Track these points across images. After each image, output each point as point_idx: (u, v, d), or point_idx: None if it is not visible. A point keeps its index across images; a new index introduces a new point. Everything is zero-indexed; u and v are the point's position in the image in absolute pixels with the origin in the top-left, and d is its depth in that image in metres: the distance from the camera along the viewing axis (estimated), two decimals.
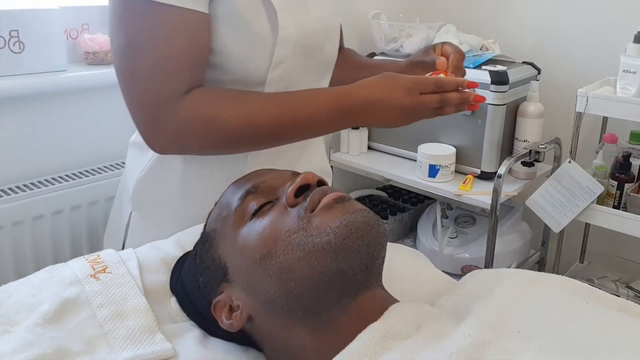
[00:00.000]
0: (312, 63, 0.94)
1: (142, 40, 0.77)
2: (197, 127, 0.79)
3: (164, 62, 0.77)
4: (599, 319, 0.58)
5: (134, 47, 0.78)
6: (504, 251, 1.72)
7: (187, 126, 0.79)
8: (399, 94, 0.81)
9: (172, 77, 0.78)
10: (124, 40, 0.79)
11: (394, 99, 0.81)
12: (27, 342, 0.62)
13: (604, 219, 1.54)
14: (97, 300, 0.69)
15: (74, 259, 0.77)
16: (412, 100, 0.81)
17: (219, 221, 0.70)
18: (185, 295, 0.73)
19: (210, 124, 0.79)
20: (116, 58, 0.80)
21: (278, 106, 0.82)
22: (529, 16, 1.91)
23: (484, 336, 0.54)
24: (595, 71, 1.72)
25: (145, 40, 0.77)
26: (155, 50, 0.77)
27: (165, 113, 0.78)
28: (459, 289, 0.73)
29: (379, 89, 0.82)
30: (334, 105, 0.82)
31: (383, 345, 0.56)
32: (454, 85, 0.83)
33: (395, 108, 0.81)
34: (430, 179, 1.69)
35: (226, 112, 0.80)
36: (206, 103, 0.80)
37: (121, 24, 0.79)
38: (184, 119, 0.78)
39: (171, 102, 0.78)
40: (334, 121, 0.83)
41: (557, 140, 1.70)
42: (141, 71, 0.78)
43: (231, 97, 0.82)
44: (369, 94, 0.81)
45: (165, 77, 0.78)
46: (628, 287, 1.72)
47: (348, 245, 0.60)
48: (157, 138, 0.81)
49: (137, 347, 0.64)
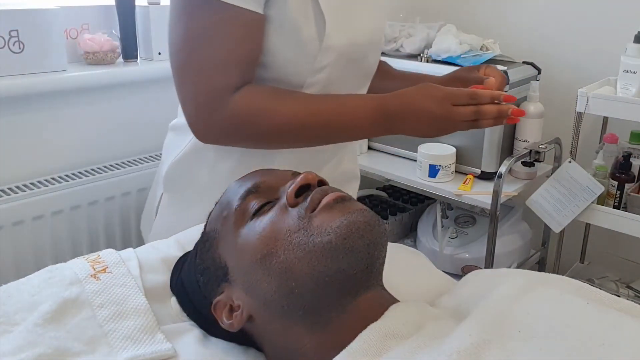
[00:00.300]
0: (353, 71, 0.96)
1: (201, 36, 0.81)
2: (245, 121, 0.83)
3: (220, 57, 0.81)
4: (599, 319, 0.58)
5: (192, 41, 0.82)
6: (504, 251, 1.72)
7: (235, 119, 0.83)
8: (431, 103, 0.83)
9: (226, 72, 0.82)
10: (183, 34, 0.83)
11: (426, 107, 0.83)
12: (27, 342, 0.62)
13: (604, 219, 1.54)
14: (97, 300, 0.69)
15: (74, 259, 0.77)
16: (445, 110, 0.82)
17: (220, 221, 0.70)
18: (185, 295, 0.73)
19: (258, 118, 0.83)
20: (173, 50, 0.85)
21: (322, 107, 0.85)
22: (529, 16, 1.91)
23: (484, 336, 0.54)
24: (595, 71, 1.72)
25: (204, 35, 0.81)
26: (212, 46, 0.81)
27: (216, 106, 0.82)
28: (459, 289, 0.73)
29: (413, 97, 0.84)
30: (371, 111, 0.85)
31: (383, 345, 0.56)
32: (489, 98, 0.84)
33: (426, 117, 0.83)
34: (430, 179, 1.69)
35: (273, 108, 0.84)
36: (255, 99, 0.84)
37: (181, 19, 0.83)
38: (234, 112, 0.82)
39: (223, 96, 0.82)
40: (371, 127, 0.86)
41: (557, 140, 1.70)
42: (197, 64, 0.82)
43: (279, 95, 0.86)
44: (402, 102, 0.84)
45: (220, 72, 0.82)
46: (628, 287, 1.72)
47: (348, 245, 0.60)
48: (206, 129, 0.85)
49: (137, 347, 0.64)
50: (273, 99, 0.85)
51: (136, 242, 1.61)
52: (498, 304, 0.61)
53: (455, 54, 1.73)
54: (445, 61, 1.74)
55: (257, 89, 0.85)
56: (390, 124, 0.85)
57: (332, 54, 0.88)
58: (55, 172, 1.52)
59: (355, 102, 0.86)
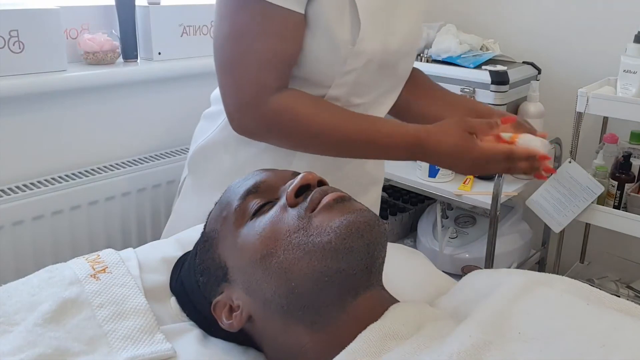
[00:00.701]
0: (384, 77, 0.97)
1: (246, 33, 0.84)
2: (285, 121, 0.86)
3: (263, 55, 0.84)
4: (600, 320, 0.58)
5: (237, 39, 0.84)
6: (504, 251, 1.72)
7: (277, 118, 0.86)
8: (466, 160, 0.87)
9: (268, 70, 0.84)
10: (228, 30, 0.85)
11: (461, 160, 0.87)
12: (27, 342, 0.62)
13: (604, 219, 1.54)
14: (97, 300, 0.69)
15: (73, 259, 0.77)
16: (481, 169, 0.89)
17: (219, 221, 0.70)
18: (185, 295, 0.73)
19: (297, 122, 0.86)
20: (218, 45, 0.87)
21: (361, 126, 0.88)
22: (529, 16, 1.91)
23: (484, 337, 0.54)
24: (595, 71, 1.72)
25: (249, 33, 0.83)
26: (256, 44, 0.83)
27: (256, 102, 0.85)
28: (459, 289, 0.73)
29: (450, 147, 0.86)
30: (408, 144, 0.87)
31: (383, 346, 0.56)
32: (525, 156, 0.87)
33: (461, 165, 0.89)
34: (430, 179, 1.69)
35: (314, 115, 0.86)
36: (299, 102, 0.86)
37: (228, 16, 0.85)
38: (276, 111, 0.85)
39: (263, 94, 0.85)
40: (402, 156, 0.89)
41: (557, 140, 1.70)
42: (241, 61, 0.84)
43: (321, 104, 0.89)
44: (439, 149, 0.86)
45: (262, 70, 0.84)
46: (628, 287, 1.72)
47: (348, 245, 0.60)
48: (245, 124, 0.88)
49: (137, 347, 0.64)
50: (315, 107, 0.87)
51: (136, 242, 1.61)
52: (498, 304, 0.61)
53: (455, 54, 1.73)
54: (445, 61, 1.74)
55: (302, 93, 0.88)
56: (422, 157, 0.89)
57: (363, 58, 0.89)
58: (55, 172, 1.52)
59: (395, 131, 0.88)
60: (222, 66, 0.87)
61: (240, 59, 0.84)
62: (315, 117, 0.86)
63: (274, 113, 0.85)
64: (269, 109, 0.85)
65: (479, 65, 1.68)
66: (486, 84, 1.61)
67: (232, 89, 0.87)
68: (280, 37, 0.83)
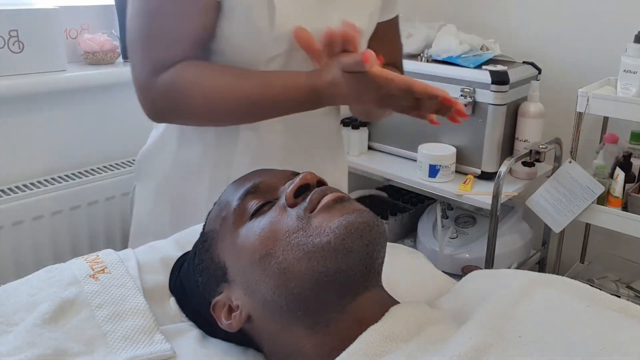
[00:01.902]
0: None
1: (150, 12, 0.83)
2: (172, 96, 0.84)
3: (166, 34, 0.83)
4: (600, 322, 0.58)
5: (142, 18, 0.84)
6: (504, 251, 1.72)
7: (164, 95, 0.84)
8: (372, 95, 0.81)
9: (172, 47, 0.83)
10: (136, 12, 0.84)
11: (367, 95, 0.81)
12: (26, 342, 0.62)
13: (604, 219, 1.54)
14: (96, 300, 0.68)
15: (73, 259, 0.77)
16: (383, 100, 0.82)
17: (218, 221, 0.69)
18: (184, 295, 0.73)
19: (182, 93, 0.83)
20: (128, 24, 0.86)
21: (249, 85, 0.85)
22: (529, 16, 1.91)
23: (485, 339, 0.54)
24: (595, 71, 1.71)
25: (154, 12, 0.83)
26: (159, 22, 0.83)
27: (148, 82, 0.84)
28: (459, 290, 0.73)
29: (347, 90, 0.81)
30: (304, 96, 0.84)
31: (384, 347, 0.56)
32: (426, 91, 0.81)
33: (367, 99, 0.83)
34: (430, 179, 1.69)
35: (198, 84, 0.84)
36: (182, 74, 0.83)
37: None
38: (161, 88, 0.83)
39: (155, 73, 0.83)
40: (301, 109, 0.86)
41: (557, 140, 1.70)
42: (143, 40, 0.84)
43: (206, 70, 0.85)
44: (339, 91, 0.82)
45: (166, 46, 0.83)
46: (629, 287, 1.72)
47: (347, 245, 0.59)
48: (146, 102, 0.87)
49: (136, 347, 0.64)
50: (200, 74, 0.84)
51: None
52: (499, 307, 0.61)
53: (455, 54, 1.73)
54: (445, 61, 1.74)
55: (188, 64, 0.84)
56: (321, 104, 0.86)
57: (284, 43, 0.87)
58: (55, 172, 1.52)
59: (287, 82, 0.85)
60: (128, 48, 0.87)
61: (143, 38, 0.84)
62: (201, 84, 0.84)
63: (161, 90, 0.83)
64: (157, 88, 0.83)
65: (479, 65, 1.68)
66: (486, 84, 1.61)
67: (136, 67, 0.85)
68: (185, 16, 0.82)
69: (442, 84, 1.70)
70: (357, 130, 1.90)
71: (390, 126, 1.88)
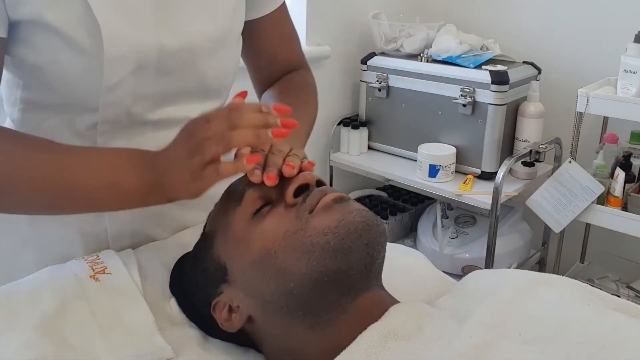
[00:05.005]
0: (177, 83, 0.77)
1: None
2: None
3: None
4: (600, 321, 0.58)
5: None
6: (504, 251, 1.72)
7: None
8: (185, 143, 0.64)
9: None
10: None
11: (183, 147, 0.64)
12: (27, 342, 0.62)
13: (604, 219, 1.54)
14: (97, 301, 0.68)
15: (73, 259, 0.77)
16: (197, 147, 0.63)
17: (219, 222, 0.70)
18: (184, 296, 0.73)
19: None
20: None
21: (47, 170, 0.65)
22: (529, 16, 1.91)
23: (485, 338, 0.54)
24: (595, 71, 1.72)
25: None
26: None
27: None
28: (459, 290, 0.73)
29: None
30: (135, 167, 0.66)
31: (384, 347, 0.56)
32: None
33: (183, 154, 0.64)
34: (430, 179, 1.69)
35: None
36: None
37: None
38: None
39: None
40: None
41: (557, 140, 1.70)
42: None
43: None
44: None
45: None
46: (628, 287, 1.72)
47: (347, 245, 0.60)
48: None
49: (137, 348, 0.64)
50: None
51: None
52: (499, 306, 0.61)
53: (455, 54, 1.73)
54: (445, 61, 1.74)
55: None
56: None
57: (124, 65, 0.69)
58: None
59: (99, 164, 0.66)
60: None
61: None
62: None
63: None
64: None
65: (479, 65, 1.68)
66: (486, 84, 1.61)
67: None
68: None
69: (442, 84, 1.71)
70: (357, 130, 1.90)
71: (390, 126, 1.88)
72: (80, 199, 0.66)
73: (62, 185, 0.65)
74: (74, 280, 0.71)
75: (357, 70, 1.92)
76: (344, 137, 1.94)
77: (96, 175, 0.65)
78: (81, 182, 0.65)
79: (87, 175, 0.65)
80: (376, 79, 1.86)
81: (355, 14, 1.97)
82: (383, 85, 1.84)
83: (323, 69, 1.90)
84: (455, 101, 1.66)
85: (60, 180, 0.65)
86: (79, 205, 0.69)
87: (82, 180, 0.65)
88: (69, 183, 0.65)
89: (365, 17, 1.92)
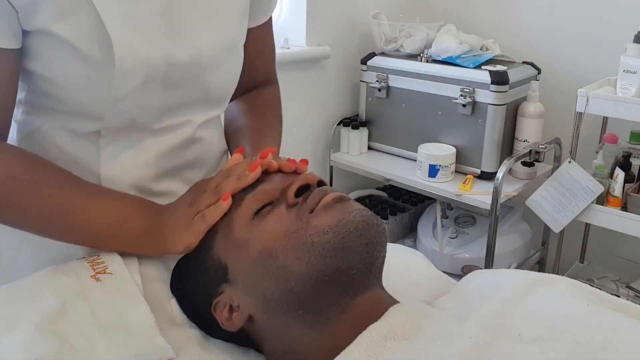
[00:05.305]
0: (183, 95, 0.79)
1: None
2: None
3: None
4: (600, 321, 0.58)
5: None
6: (504, 251, 1.72)
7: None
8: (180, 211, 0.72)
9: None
10: None
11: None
12: (27, 342, 0.62)
13: (604, 219, 1.54)
14: (98, 301, 0.68)
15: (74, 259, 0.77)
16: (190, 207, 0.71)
17: (219, 222, 0.70)
18: (185, 296, 0.73)
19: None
20: None
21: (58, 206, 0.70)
22: (528, 16, 1.91)
23: (484, 338, 0.54)
24: (595, 71, 1.72)
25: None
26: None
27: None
28: (459, 290, 0.73)
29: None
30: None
31: (384, 346, 0.56)
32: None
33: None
34: (430, 179, 1.69)
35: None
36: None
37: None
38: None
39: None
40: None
41: (557, 140, 1.70)
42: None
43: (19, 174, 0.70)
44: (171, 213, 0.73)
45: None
46: (628, 287, 1.72)
47: (347, 244, 0.60)
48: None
49: (137, 348, 0.64)
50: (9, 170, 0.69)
51: None
52: (498, 306, 0.61)
53: (455, 54, 1.73)
54: (445, 61, 1.75)
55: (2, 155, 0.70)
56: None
57: (134, 79, 0.71)
58: None
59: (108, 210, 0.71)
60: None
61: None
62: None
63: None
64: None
65: (479, 65, 1.68)
66: (486, 84, 1.61)
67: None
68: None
69: (441, 84, 1.71)
70: (357, 130, 1.90)
71: (390, 126, 1.89)
72: (81, 236, 0.73)
73: (66, 220, 0.71)
74: (74, 280, 0.71)
75: (357, 70, 1.92)
76: (344, 137, 1.94)
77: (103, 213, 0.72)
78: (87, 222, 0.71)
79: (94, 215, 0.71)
80: (376, 79, 1.86)
81: (355, 14, 1.97)
82: (383, 86, 1.84)
83: (323, 69, 1.90)
84: (455, 101, 1.66)
85: (66, 216, 0.71)
86: (79, 241, 0.75)
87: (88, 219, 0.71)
88: (74, 221, 0.71)
89: (365, 17, 1.92)
